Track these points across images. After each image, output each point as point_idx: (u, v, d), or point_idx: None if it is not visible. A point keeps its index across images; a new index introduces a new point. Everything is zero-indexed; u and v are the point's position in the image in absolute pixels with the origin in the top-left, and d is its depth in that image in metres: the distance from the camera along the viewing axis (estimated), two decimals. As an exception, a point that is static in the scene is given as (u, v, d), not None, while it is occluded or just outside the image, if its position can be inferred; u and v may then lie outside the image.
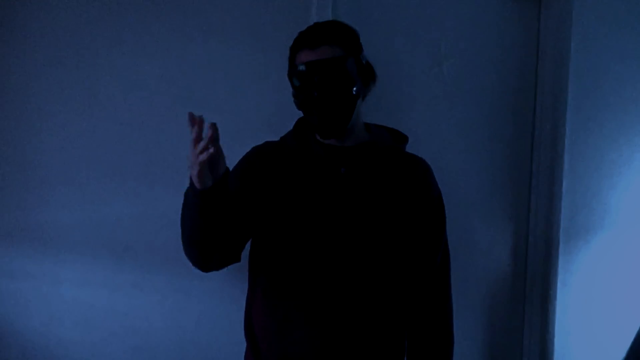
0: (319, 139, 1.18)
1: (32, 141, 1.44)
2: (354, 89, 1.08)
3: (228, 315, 1.47)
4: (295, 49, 1.12)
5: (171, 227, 1.51)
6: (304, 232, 1.11)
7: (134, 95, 1.48)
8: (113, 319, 1.50)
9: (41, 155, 1.44)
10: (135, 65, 1.47)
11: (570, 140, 1.83)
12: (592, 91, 1.86)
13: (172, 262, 1.50)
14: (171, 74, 1.49)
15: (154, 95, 1.48)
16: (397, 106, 1.70)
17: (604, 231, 1.91)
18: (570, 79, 1.81)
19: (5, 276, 1.44)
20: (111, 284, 1.49)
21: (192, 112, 0.89)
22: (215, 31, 1.51)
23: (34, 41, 1.42)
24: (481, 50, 1.80)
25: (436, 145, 1.75)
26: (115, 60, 1.46)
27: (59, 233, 1.45)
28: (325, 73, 1.05)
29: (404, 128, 1.30)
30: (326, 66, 1.05)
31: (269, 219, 1.14)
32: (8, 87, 1.42)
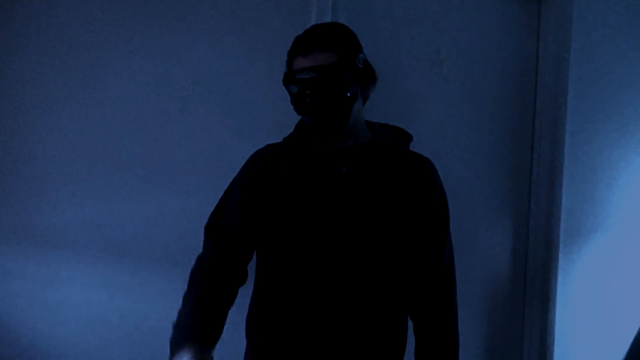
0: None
1: (31, 141, 1.44)
2: (348, 93, 1.07)
3: (228, 315, 1.47)
4: (291, 54, 1.12)
5: (171, 227, 1.52)
6: (306, 232, 1.11)
7: (134, 96, 1.48)
8: (113, 319, 1.50)
9: (41, 155, 1.44)
10: (135, 65, 1.47)
11: (570, 140, 1.83)
12: (592, 91, 1.86)
13: (171, 262, 1.50)
14: (172, 74, 1.49)
15: (154, 96, 1.48)
16: (397, 106, 1.70)
17: (604, 231, 1.91)
18: (570, 79, 1.81)
19: (5, 276, 1.44)
20: (111, 284, 1.49)
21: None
22: (215, 32, 1.51)
23: (33, 41, 1.42)
24: (481, 50, 1.80)
25: (436, 145, 1.75)
26: (115, 60, 1.46)
27: (59, 233, 1.45)
28: (317, 80, 1.04)
29: (404, 128, 1.30)
30: (317, 73, 1.04)
31: (272, 220, 1.14)
32: (8, 86, 1.42)
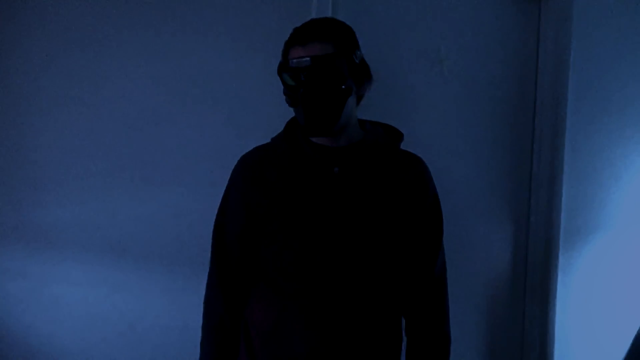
0: (311, 139, 1.16)
1: (31, 140, 1.44)
2: (343, 87, 1.06)
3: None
4: (288, 45, 1.11)
5: (171, 227, 1.52)
6: (298, 233, 1.11)
7: (133, 95, 1.48)
8: (112, 318, 1.50)
9: (41, 155, 1.44)
10: (134, 65, 1.47)
11: (570, 140, 1.83)
12: (592, 91, 1.86)
13: (172, 262, 1.50)
14: (171, 74, 1.49)
15: (154, 95, 1.48)
16: (398, 106, 1.69)
17: (604, 231, 1.91)
18: (570, 79, 1.81)
19: (4, 275, 1.45)
20: (110, 282, 1.49)
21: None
22: (214, 31, 1.51)
23: (33, 41, 1.42)
24: (481, 50, 1.80)
25: (436, 144, 1.74)
26: (114, 60, 1.46)
27: (58, 233, 1.45)
28: (312, 70, 1.03)
29: (404, 128, 1.29)
30: (313, 63, 1.03)
31: (267, 226, 1.13)
32: (7, 86, 1.42)
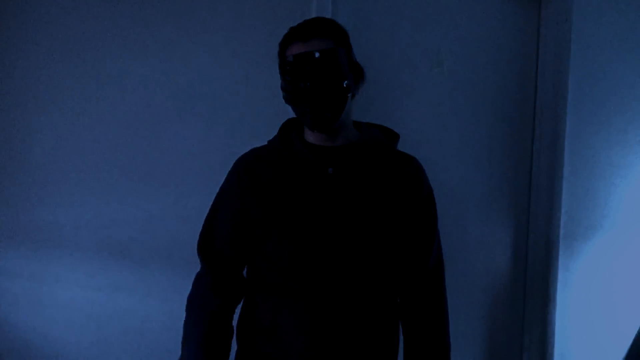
0: (307, 139, 1.17)
1: (31, 141, 1.44)
2: (345, 82, 1.07)
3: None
4: (285, 42, 1.11)
5: (171, 227, 1.52)
6: (292, 234, 1.11)
7: (133, 96, 1.48)
8: (113, 319, 1.50)
9: (40, 155, 1.44)
10: (135, 65, 1.47)
11: (570, 140, 1.83)
12: (592, 91, 1.86)
13: (172, 262, 1.50)
14: (171, 74, 1.49)
15: (153, 96, 1.49)
16: (398, 106, 1.70)
17: (604, 231, 1.91)
18: (570, 79, 1.81)
19: (4, 276, 1.45)
20: (110, 283, 1.49)
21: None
22: (214, 33, 1.51)
23: (33, 41, 1.42)
24: (481, 50, 1.80)
25: (436, 145, 1.75)
26: (114, 60, 1.47)
27: (58, 233, 1.45)
28: (317, 63, 1.04)
29: (404, 128, 1.29)
30: (321, 55, 1.05)
31: (261, 227, 1.14)
32: (7, 86, 1.42)
